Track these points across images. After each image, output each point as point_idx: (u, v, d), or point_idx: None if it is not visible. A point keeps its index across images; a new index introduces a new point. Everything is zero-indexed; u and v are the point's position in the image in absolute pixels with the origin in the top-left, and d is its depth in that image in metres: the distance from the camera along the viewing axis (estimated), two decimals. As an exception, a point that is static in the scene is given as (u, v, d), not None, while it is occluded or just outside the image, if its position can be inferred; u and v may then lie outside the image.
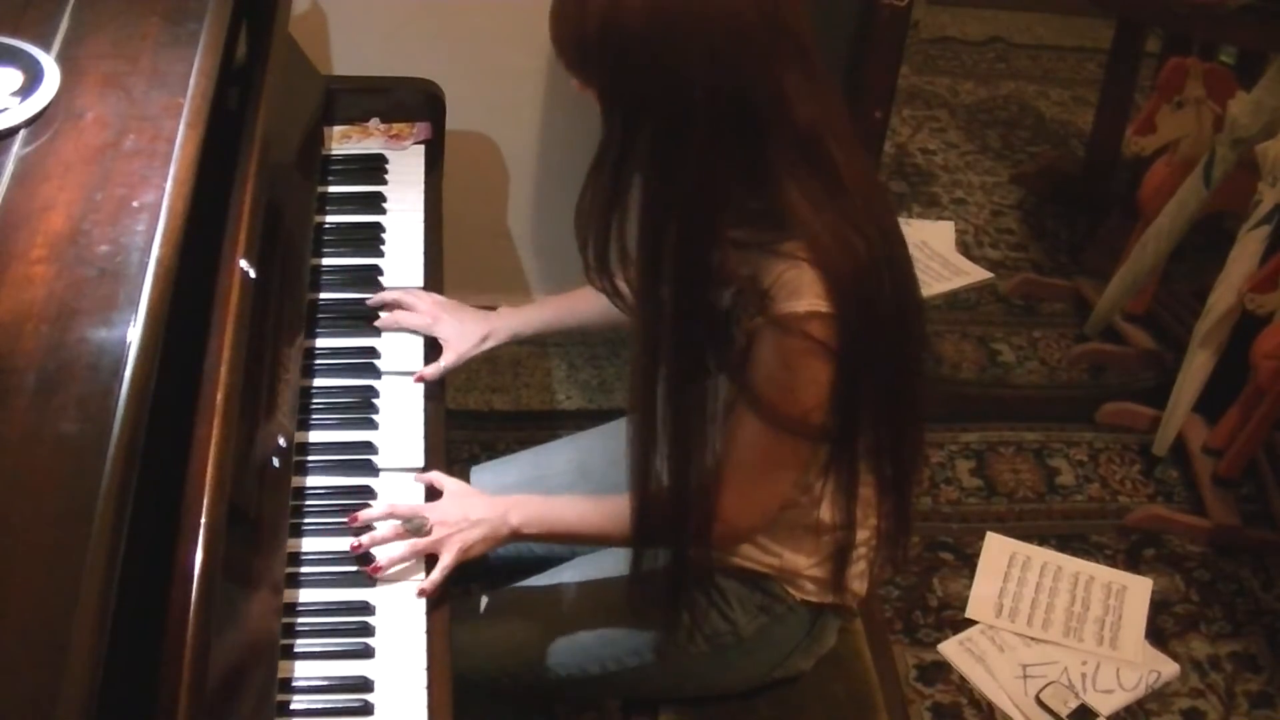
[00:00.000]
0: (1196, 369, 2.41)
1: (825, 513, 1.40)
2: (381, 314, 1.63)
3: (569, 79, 1.26)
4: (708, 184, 1.20)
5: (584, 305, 1.65)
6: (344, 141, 1.88)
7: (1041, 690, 2.08)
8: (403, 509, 1.38)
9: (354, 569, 1.34)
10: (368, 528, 1.37)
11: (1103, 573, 2.31)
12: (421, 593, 1.33)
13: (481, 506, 1.40)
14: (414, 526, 1.36)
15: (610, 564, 1.49)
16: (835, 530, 1.41)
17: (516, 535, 1.40)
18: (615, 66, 1.18)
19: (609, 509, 1.39)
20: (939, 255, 3.05)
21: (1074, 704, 2.06)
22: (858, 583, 1.50)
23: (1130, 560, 2.36)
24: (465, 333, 1.61)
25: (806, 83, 1.21)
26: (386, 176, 1.83)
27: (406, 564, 1.35)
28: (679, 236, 1.22)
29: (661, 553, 1.39)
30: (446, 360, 1.60)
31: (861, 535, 1.45)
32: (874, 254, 1.24)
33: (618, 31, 1.16)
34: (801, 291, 1.21)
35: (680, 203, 1.21)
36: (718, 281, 1.25)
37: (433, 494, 1.44)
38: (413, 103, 1.92)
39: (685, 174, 1.20)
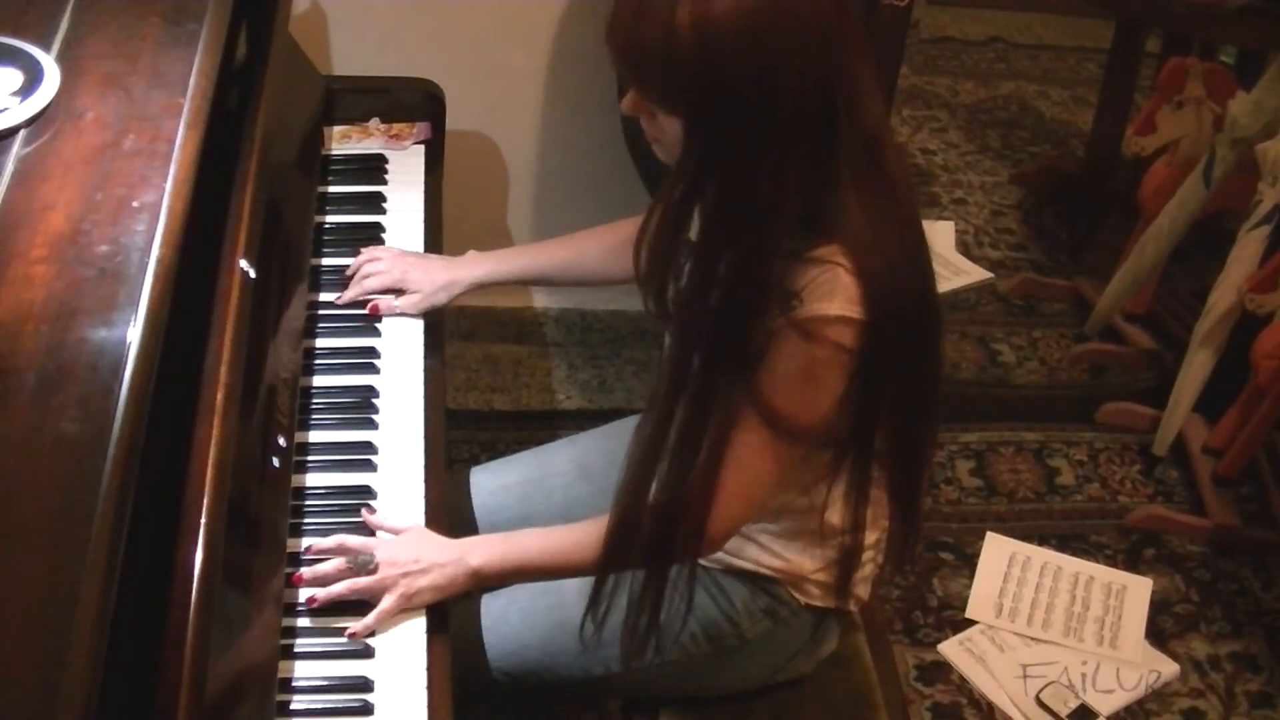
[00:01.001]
0: (1196, 369, 2.41)
1: (834, 516, 1.39)
2: (345, 293, 1.61)
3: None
4: (780, 198, 1.18)
5: (548, 258, 1.65)
6: (344, 141, 1.88)
7: (1041, 690, 2.08)
8: (353, 543, 1.31)
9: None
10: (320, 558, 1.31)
11: (1103, 573, 2.31)
12: (351, 635, 1.26)
13: (437, 550, 1.32)
14: (359, 564, 1.29)
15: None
16: (843, 534, 1.41)
17: (477, 578, 1.32)
18: (707, 77, 1.13)
19: (573, 538, 1.34)
20: (939, 255, 3.05)
21: (1074, 704, 2.06)
22: (862, 587, 1.49)
23: (1130, 560, 2.36)
24: (434, 278, 1.61)
25: (871, 79, 1.21)
26: (386, 176, 1.83)
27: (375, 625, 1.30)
28: (742, 250, 1.19)
29: (620, 590, 1.34)
30: (409, 300, 1.60)
31: (871, 538, 1.44)
32: (907, 259, 1.24)
33: (713, 39, 1.10)
34: (835, 295, 1.19)
35: (748, 219, 1.18)
36: (767, 289, 1.22)
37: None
38: (413, 103, 1.92)
39: (760, 189, 1.17)
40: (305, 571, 1.29)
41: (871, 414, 1.29)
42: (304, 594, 1.29)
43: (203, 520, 1.03)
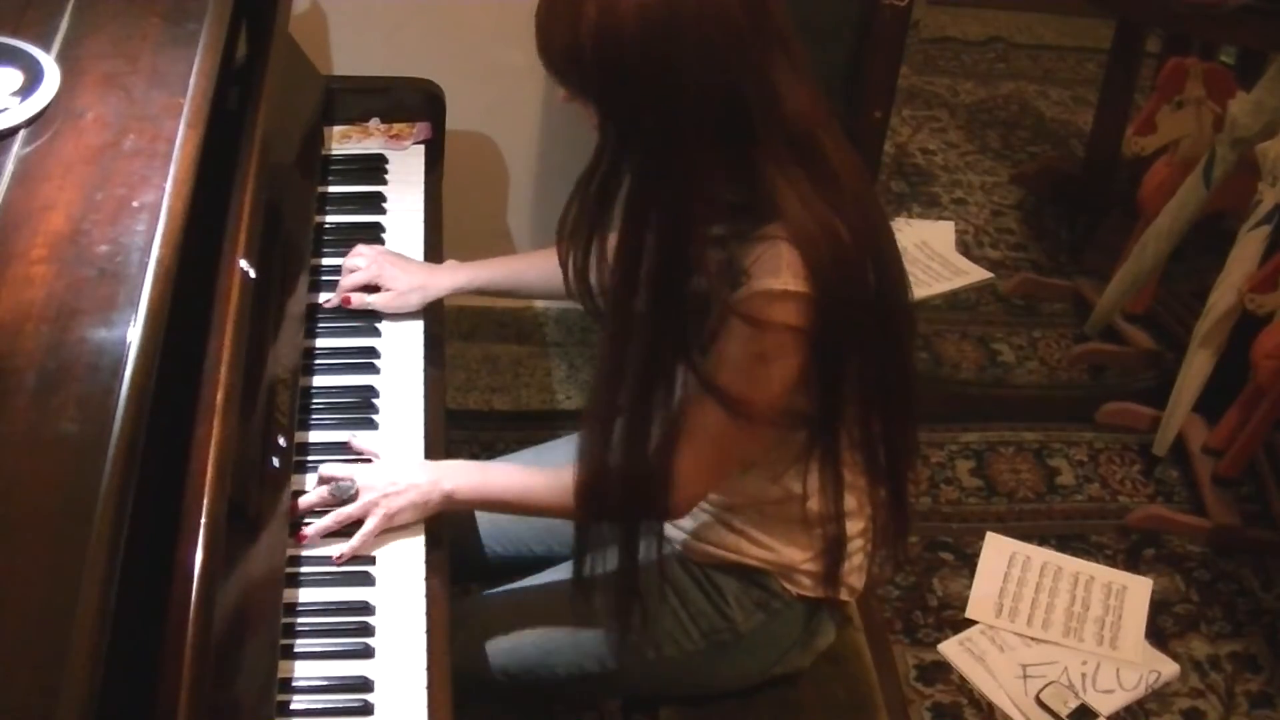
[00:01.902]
0: (1196, 369, 2.41)
1: (814, 504, 1.40)
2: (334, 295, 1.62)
3: (556, 90, 1.26)
4: (695, 185, 1.21)
5: (532, 271, 1.66)
6: (344, 141, 1.88)
7: (1041, 690, 2.08)
8: (334, 471, 1.37)
9: (354, 569, 1.34)
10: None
11: (1103, 573, 2.31)
12: (339, 558, 1.32)
13: (413, 472, 1.38)
14: (340, 490, 1.35)
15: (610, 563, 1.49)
16: (825, 522, 1.42)
17: (450, 501, 1.38)
18: (610, 74, 1.18)
19: (551, 480, 1.38)
20: (939, 255, 3.05)
21: (1074, 704, 2.06)
22: (854, 577, 1.50)
23: (1130, 560, 2.36)
24: (408, 280, 1.62)
25: (793, 75, 1.22)
26: (386, 176, 1.83)
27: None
28: (661, 238, 1.22)
29: (608, 555, 1.39)
30: (382, 297, 1.61)
31: (857, 527, 1.45)
32: (859, 242, 1.25)
33: (612, 38, 1.15)
34: (780, 270, 1.21)
35: (666, 205, 1.21)
36: (695, 274, 1.25)
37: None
38: (413, 103, 1.92)
39: (674, 177, 1.20)
40: (299, 503, 1.34)
41: (833, 397, 1.30)
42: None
43: (203, 520, 1.03)
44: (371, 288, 1.62)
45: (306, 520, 1.35)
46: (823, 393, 1.30)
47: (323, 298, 1.63)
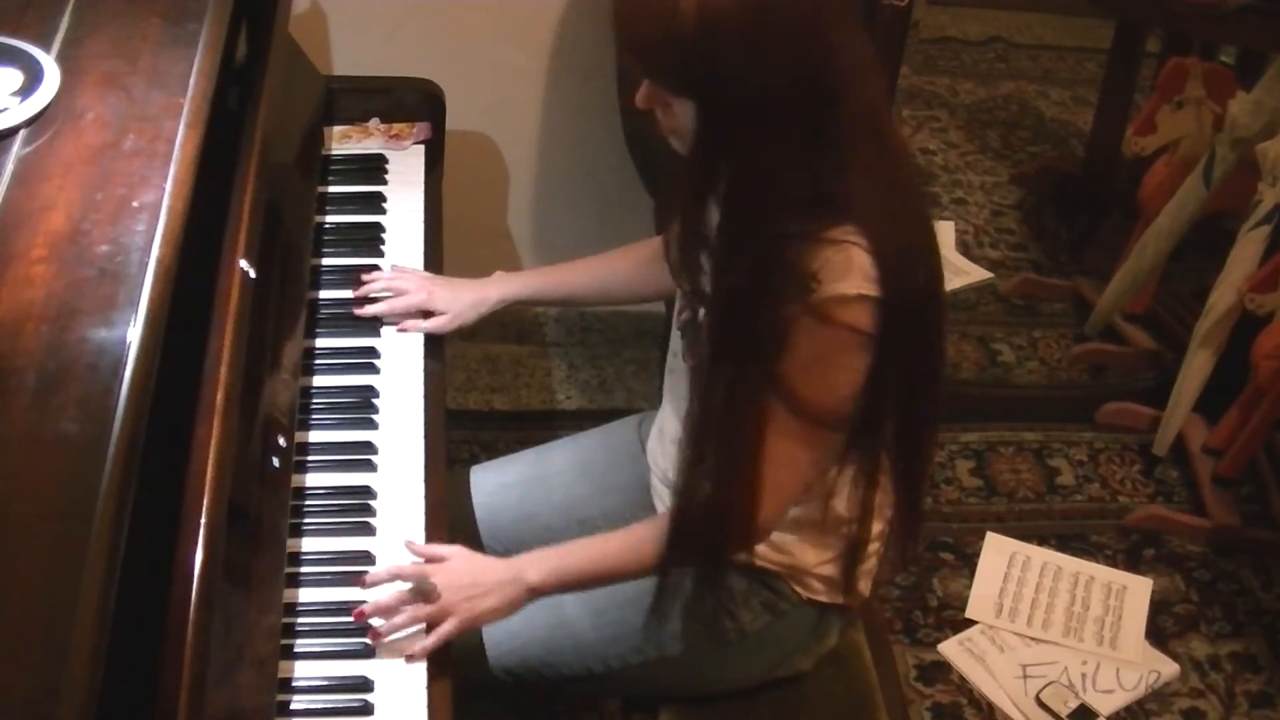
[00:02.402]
0: (1196, 369, 2.41)
1: (840, 506, 1.40)
2: (371, 306, 1.61)
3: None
4: (787, 174, 1.19)
5: (580, 278, 1.65)
6: (344, 141, 1.88)
7: (1041, 690, 2.08)
8: (409, 571, 1.31)
9: (354, 569, 1.34)
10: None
11: (1103, 573, 2.31)
12: (410, 657, 1.27)
13: (492, 571, 1.34)
14: (420, 594, 1.29)
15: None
16: (849, 524, 1.41)
17: (535, 594, 1.34)
18: (713, 54, 1.14)
19: (624, 544, 1.36)
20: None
21: (1074, 704, 2.06)
22: (864, 582, 1.49)
23: (1130, 560, 2.36)
24: (461, 298, 1.61)
25: (866, 60, 1.22)
26: (386, 176, 1.83)
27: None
28: (759, 235, 1.21)
29: (685, 575, 1.38)
30: (440, 321, 1.60)
31: (875, 530, 1.44)
32: (918, 240, 1.26)
33: (715, 18, 1.12)
34: (851, 274, 1.20)
35: (761, 198, 1.20)
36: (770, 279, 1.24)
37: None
38: (413, 103, 1.92)
39: (767, 165, 1.19)
40: (367, 606, 1.28)
41: (879, 398, 1.29)
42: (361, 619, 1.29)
43: (203, 520, 1.03)
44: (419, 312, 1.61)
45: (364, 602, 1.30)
46: (869, 394, 1.28)
47: (325, 296, 1.62)
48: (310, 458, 1.44)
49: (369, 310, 1.61)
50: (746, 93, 1.16)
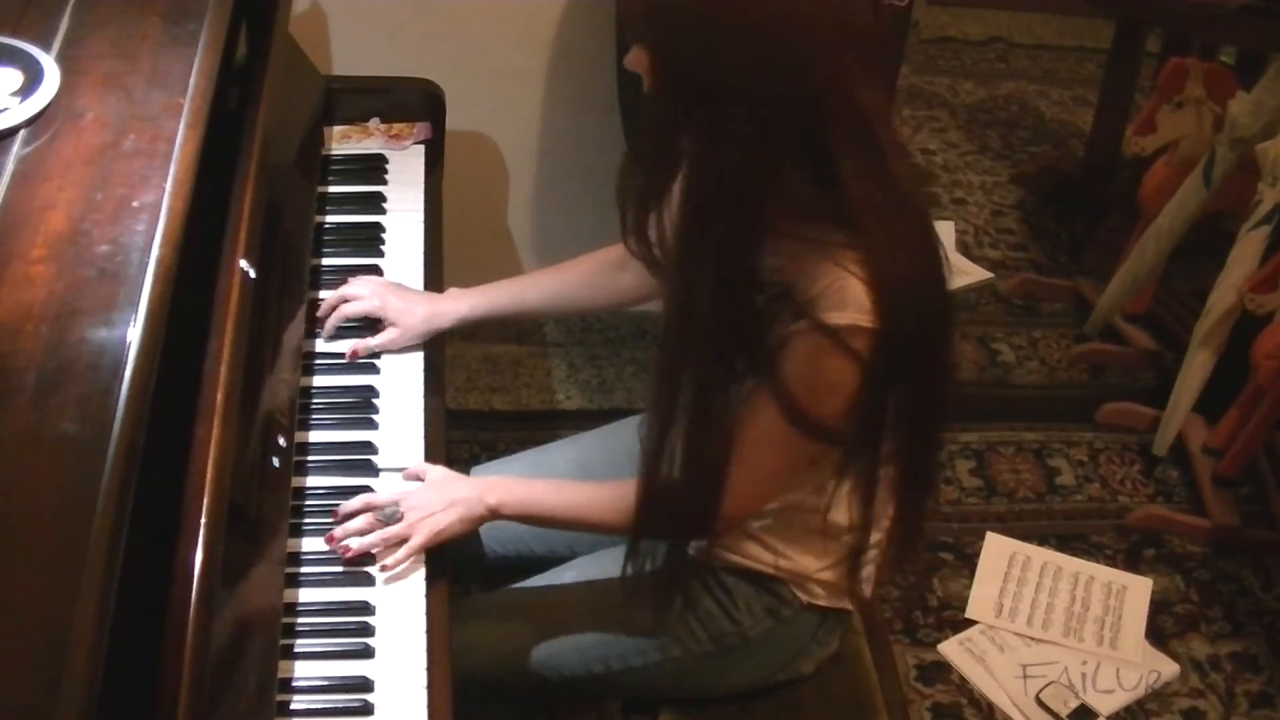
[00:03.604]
0: (1196, 369, 2.41)
1: (839, 515, 1.40)
2: (325, 315, 1.59)
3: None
4: (760, 158, 1.18)
5: (531, 291, 1.65)
6: (344, 141, 1.88)
7: (1041, 690, 2.08)
8: (379, 499, 1.38)
9: (354, 569, 1.34)
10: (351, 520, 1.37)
11: (1103, 573, 2.31)
12: (383, 568, 1.34)
13: (459, 488, 1.40)
14: (386, 515, 1.36)
15: (611, 564, 1.49)
16: (848, 532, 1.41)
17: (495, 515, 1.39)
18: (675, 26, 1.16)
19: (596, 495, 1.39)
20: (939, 255, 3.04)
21: (1074, 704, 2.06)
22: (864, 586, 1.49)
23: (1130, 560, 2.36)
24: (413, 310, 1.59)
25: (865, 72, 1.21)
26: (386, 176, 1.83)
27: (408, 561, 1.35)
28: (725, 218, 1.20)
29: (657, 546, 1.38)
30: (388, 336, 1.57)
31: (874, 537, 1.44)
32: (924, 265, 1.24)
33: None
34: (846, 304, 1.19)
35: (729, 178, 1.19)
36: (755, 282, 1.24)
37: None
38: (413, 103, 1.92)
39: (735, 145, 1.17)
40: (336, 530, 1.35)
41: (879, 416, 1.29)
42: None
43: (203, 520, 1.03)
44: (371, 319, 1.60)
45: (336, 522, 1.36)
46: (867, 413, 1.27)
47: (325, 296, 1.62)
48: (310, 458, 1.44)
49: (326, 329, 1.58)
50: (705, 69, 1.15)
